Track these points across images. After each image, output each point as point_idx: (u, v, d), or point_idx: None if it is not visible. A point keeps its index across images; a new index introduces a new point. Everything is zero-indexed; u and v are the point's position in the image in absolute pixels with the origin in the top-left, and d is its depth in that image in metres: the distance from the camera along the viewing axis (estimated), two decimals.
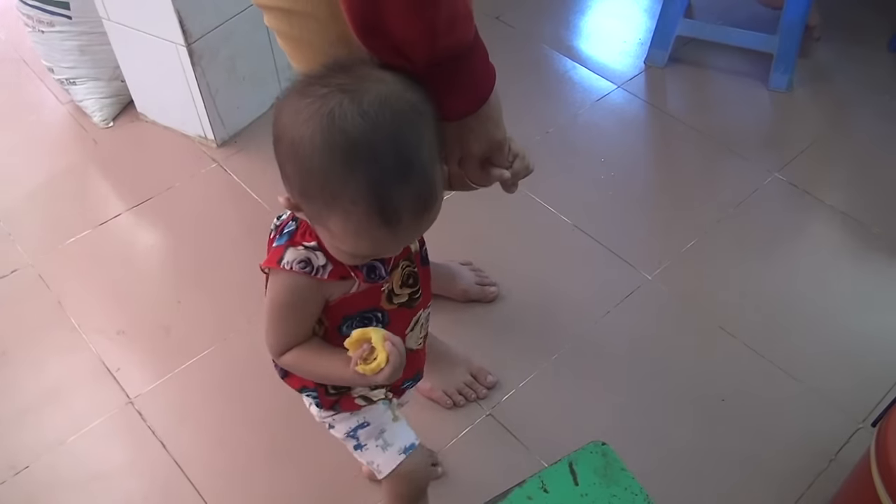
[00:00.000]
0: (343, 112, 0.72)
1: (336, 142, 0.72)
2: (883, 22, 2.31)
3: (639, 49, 2.29)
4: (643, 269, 1.72)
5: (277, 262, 0.86)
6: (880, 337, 1.58)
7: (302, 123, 0.74)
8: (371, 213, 0.74)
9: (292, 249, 0.86)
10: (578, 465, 0.95)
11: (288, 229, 0.87)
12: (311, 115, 0.73)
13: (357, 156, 0.72)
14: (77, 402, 1.53)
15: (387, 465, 1.09)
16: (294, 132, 0.75)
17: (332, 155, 0.73)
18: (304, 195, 0.78)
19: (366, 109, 0.72)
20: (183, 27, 1.78)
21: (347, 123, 0.72)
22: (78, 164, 2.03)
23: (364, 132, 0.72)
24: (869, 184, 1.91)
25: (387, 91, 0.74)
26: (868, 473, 1.10)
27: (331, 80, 0.75)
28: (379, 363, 0.81)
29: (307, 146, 0.73)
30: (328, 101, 0.73)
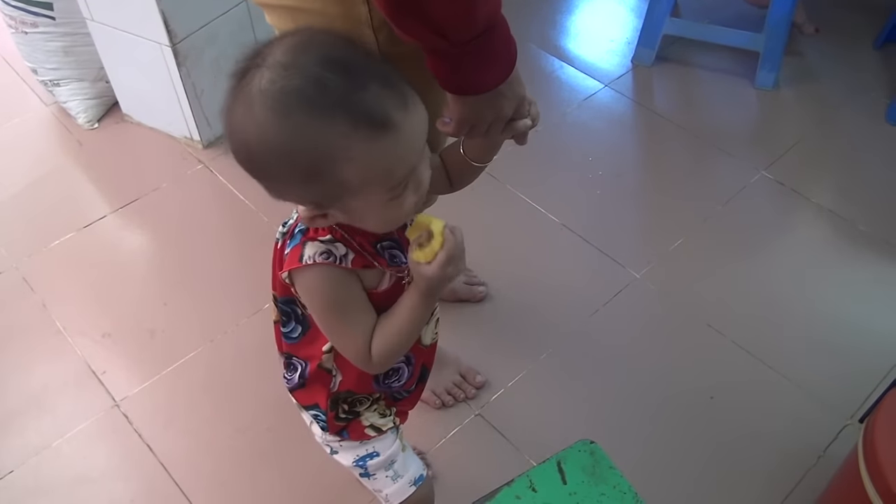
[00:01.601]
0: (266, 79, 0.70)
1: (286, 105, 0.70)
2: (868, 21, 2.32)
3: (626, 48, 2.29)
4: (631, 267, 1.72)
5: (300, 260, 0.81)
6: (868, 333, 1.59)
7: (248, 122, 0.71)
8: (367, 134, 0.70)
9: (310, 244, 0.82)
10: (567, 463, 0.95)
11: (299, 229, 0.84)
12: (247, 106, 0.71)
13: (310, 98, 0.69)
14: (62, 406, 1.52)
15: (397, 497, 1.06)
16: (249, 135, 0.72)
17: (292, 118, 0.70)
18: (315, 184, 0.73)
19: (281, 61, 0.71)
20: (168, 27, 1.76)
21: (276, 84, 0.70)
22: (62, 166, 2.01)
23: (295, 78, 0.70)
24: (854, 181, 1.92)
25: (287, 42, 0.73)
26: (856, 469, 1.10)
27: (237, 75, 0.74)
28: (433, 247, 0.78)
29: (270, 134, 0.70)
30: (249, 85, 0.71)
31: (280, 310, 0.93)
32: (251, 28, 1.96)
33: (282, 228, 0.88)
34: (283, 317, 0.94)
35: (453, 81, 0.84)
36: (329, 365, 0.95)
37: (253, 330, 1.63)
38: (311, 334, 0.93)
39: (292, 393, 1.01)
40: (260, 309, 1.65)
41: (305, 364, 0.96)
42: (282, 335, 0.96)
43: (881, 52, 2.24)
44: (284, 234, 0.87)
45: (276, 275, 0.90)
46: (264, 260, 1.85)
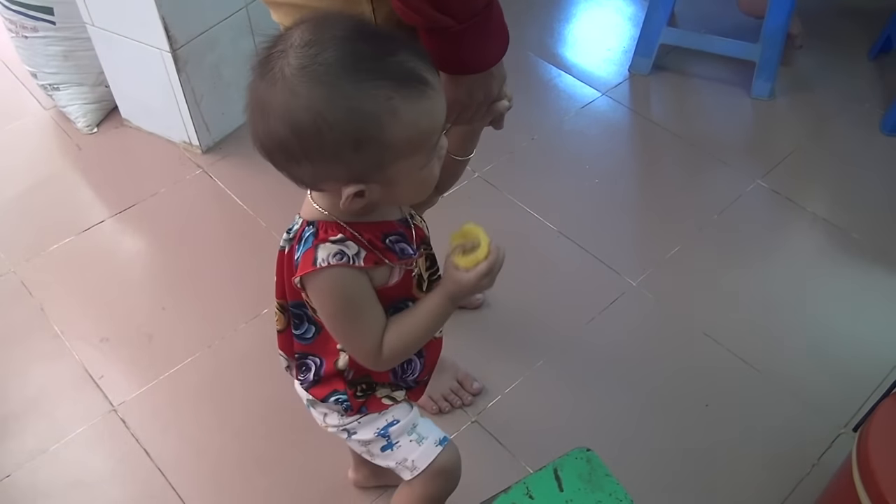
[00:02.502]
0: (297, 59, 0.72)
1: (329, 75, 0.71)
2: (862, 31, 2.34)
3: (623, 57, 2.30)
4: (628, 275, 1.73)
5: (313, 264, 0.82)
6: (862, 342, 1.60)
7: (292, 102, 0.72)
8: (408, 93, 0.73)
9: (322, 247, 0.82)
10: (563, 471, 0.95)
11: (307, 235, 0.85)
12: (285, 88, 0.72)
13: (350, 65, 0.72)
14: (60, 410, 1.52)
15: (424, 459, 1.04)
16: (297, 114, 0.73)
17: (339, 86, 0.71)
18: (363, 152, 0.75)
19: (307, 40, 0.73)
20: (168, 33, 1.77)
21: (312, 60, 0.72)
22: (61, 171, 2.01)
23: (329, 51, 0.72)
24: (849, 190, 1.93)
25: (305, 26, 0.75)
26: (850, 478, 1.10)
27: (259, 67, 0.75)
28: (478, 257, 0.82)
29: (320, 105, 0.72)
30: (280, 70, 0.73)
31: (291, 314, 0.94)
32: (251, 34, 1.96)
33: (287, 235, 0.89)
34: (295, 320, 0.94)
35: (455, 60, 0.86)
36: (343, 365, 0.96)
37: (251, 335, 1.63)
38: (325, 334, 0.94)
39: (309, 392, 1.01)
40: (258, 314, 1.66)
41: (321, 361, 0.97)
42: (294, 338, 0.96)
43: (875, 63, 2.26)
44: (291, 240, 0.88)
45: (282, 281, 0.91)
46: (263, 265, 1.86)
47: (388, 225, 0.87)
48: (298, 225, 0.87)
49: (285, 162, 0.78)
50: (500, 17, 0.88)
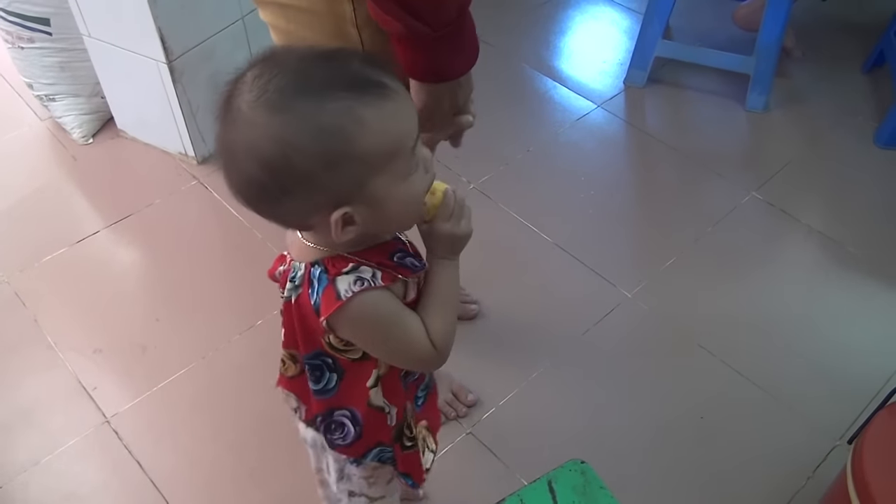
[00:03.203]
0: (252, 92, 0.71)
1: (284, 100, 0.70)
2: (856, 45, 2.36)
3: (618, 69, 2.31)
4: (623, 287, 1.73)
5: (338, 299, 0.78)
6: (857, 354, 1.60)
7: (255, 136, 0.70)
8: (369, 100, 0.71)
9: (339, 280, 0.79)
10: (557, 483, 0.95)
11: (315, 275, 0.81)
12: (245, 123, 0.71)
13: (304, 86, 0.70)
14: (52, 422, 1.51)
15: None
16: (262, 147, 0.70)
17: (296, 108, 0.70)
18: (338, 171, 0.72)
19: (257, 74, 0.72)
20: (164, 45, 1.78)
21: (266, 89, 0.70)
22: (57, 181, 2.01)
23: (281, 77, 0.71)
24: (844, 203, 1.94)
25: (255, 63, 0.74)
26: (844, 491, 1.10)
27: (220, 111, 0.74)
28: (434, 202, 0.82)
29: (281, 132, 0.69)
30: (236, 108, 0.71)
31: (308, 367, 0.89)
32: (247, 45, 1.97)
33: (290, 284, 0.84)
34: (314, 373, 0.89)
35: (426, 67, 0.87)
36: (379, 402, 0.92)
37: (245, 347, 1.63)
38: (348, 377, 0.90)
39: (348, 449, 0.96)
40: (252, 325, 1.66)
41: (354, 412, 0.92)
42: (314, 395, 0.91)
43: (869, 76, 2.27)
44: (297, 287, 0.83)
45: (292, 332, 0.87)
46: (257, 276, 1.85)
47: (388, 245, 0.84)
48: (301, 270, 0.82)
49: (266, 204, 0.75)
50: (472, 29, 0.88)
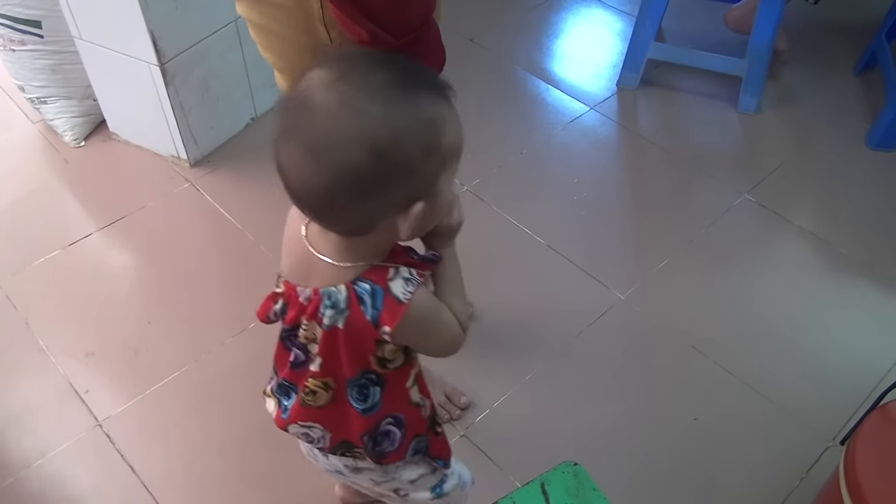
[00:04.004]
0: (343, 89, 0.71)
1: (394, 92, 0.72)
2: (848, 47, 2.37)
3: (611, 71, 2.32)
4: (616, 288, 1.73)
5: (400, 303, 0.80)
6: (849, 355, 1.61)
7: (365, 126, 0.70)
8: (446, 101, 0.75)
9: (392, 286, 0.80)
10: (550, 485, 0.95)
11: (365, 290, 0.80)
12: (350, 117, 0.71)
13: (401, 81, 0.73)
14: (44, 426, 1.51)
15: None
16: (375, 137, 0.70)
17: (406, 100, 0.72)
18: (430, 162, 0.74)
19: (342, 71, 0.72)
20: (156, 47, 1.77)
21: (364, 84, 0.71)
22: (48, 184, 2.01)
23: (376, 74, 0.72)
24: (836, 205, 1.94)
25: (327, 63, 0.74)
26: (837, 491, 1.11)
27: (285, 124, 0.74)
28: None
29: (396, 120, 0.71)
30: (320, 109, 0.71)
31: (355, 388, 0.89)
32: (240, 48, 1.97)
33: (332, 312, 0.82)
34: (362, 392, 0.89)
35: None
36: (417, 398, 0.94)
37: (238, 349, 1.62)
38: (389, 386, 0.90)
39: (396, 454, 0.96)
40: (245, 328, 1.65)
41: (397, 416, 0.94)
42: (359, 416, 0.91)
43: (861, 78, 2.28)
44: (343, 310, 0.81)
45: (337, 361, 0.86)
46: (250, 279, 1.86)
47: (399, 247, 0.85)
48: (342, 293, 0.81)
49: (357, 200, 0.74)
50: (437, 36, 0.88)
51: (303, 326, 0.86)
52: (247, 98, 2.08)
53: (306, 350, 0.88)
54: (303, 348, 0.89)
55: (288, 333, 0.90)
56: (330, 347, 0.85)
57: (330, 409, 0.92)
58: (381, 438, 0.94)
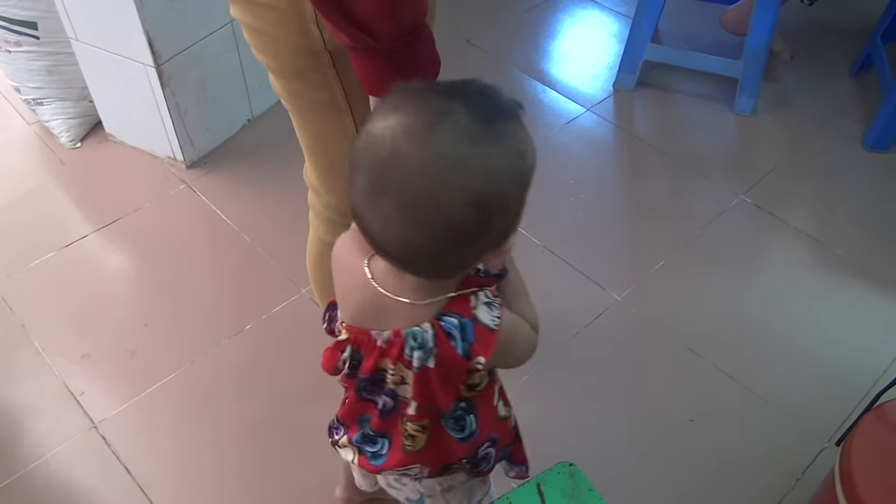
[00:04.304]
0: (451, 134, 0.68)
1: (483, 131, 0.69)
2: (844, 49, 2.37)
3: (607, 73, 2.32)
4: (612, 290, 1.73)
5: (492, 331, 0.79)
6: (845, 356, 1.61)
7: (457, 175, 0.67)
8: (525, 128, 0.74)
9: (479, 312, 0.79)
10: (546, 486, 0.95)
11: (452, 325, 0.78)
12: (477, 155, 0.68)
13: (488, 114, 0.70)
14: (39, 428, 1.50)
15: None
16: (472, 183, 0.68)
17: (501, 137, 0.70)
18: (521, 201, 0.74)
19: (430, 116, 0.69)
20: (152, 48, 1.77)
21: (465, 123, 0.68)
22: (44, 185, 2.00)
23: (460, 115, 0.68)
24: (832, 206, 1.95)
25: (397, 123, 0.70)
26: (833, 492, 1.11)
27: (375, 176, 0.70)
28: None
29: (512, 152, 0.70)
30: (440, 144, 0.68)
31: (452, 420, 0.88)
32: (236, 49, 1.97)
33: (420, 353, 0.79)
34: (459, 423, 0.88)
35: (378, 81, 0.84)
36: (503, 412, 0.95)
37: (234, 351, 1.62)
38: (480, 409, 0.90)
39: (490, 468, 0.96)
40: (241, 330, 1.65)
41: (493, 437, 0.95)
42: (458, 444, 0.90)
43: (856, 80, 2.28)
44: (430, 350, 0.79)
45: (431, 399, 0.84)
46: (246, 280, 1.86)
47: (467, 275, 0.82)
48: (429, 331, 0.78)
49: (449, 251, 0.72)
50: (430, 41, 0.85)
51: (390, 372, 0.83)
52: (243, 99, 2.08)
53: (395, 395, 0.85)
54: (391, 394, 0.85)
55: (366, 383, 0.86)
56: (423, 388, 0.82)
57: (429, 447, 0.90)
58: (479, 461, 0.94)
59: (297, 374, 1.56)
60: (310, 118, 1.05)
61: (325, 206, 1.17)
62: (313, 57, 0.93)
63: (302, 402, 1.52)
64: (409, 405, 0.84)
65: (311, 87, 0.98)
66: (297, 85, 1.00)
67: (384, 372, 0.84)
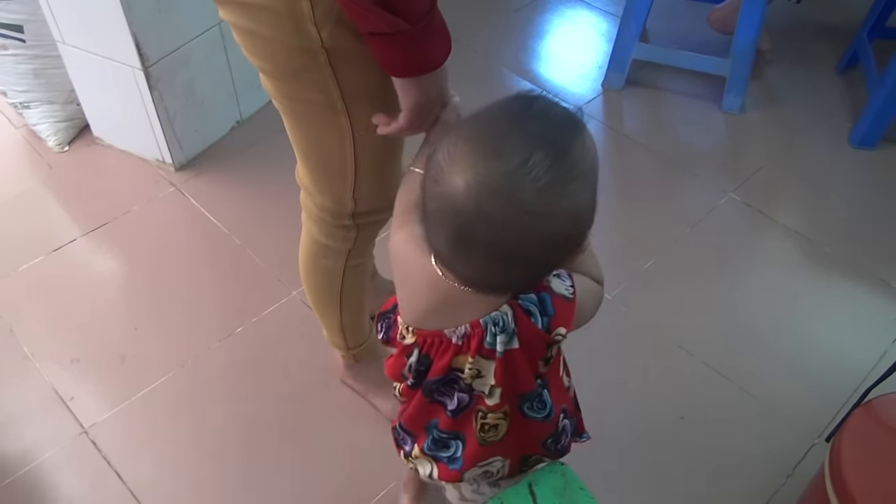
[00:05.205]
0: (530, 174, 0.69)
1: (570, 169, 0.71)
2: (830, 47, 2.39)
3: (596, 72, 2.33)
4: None
5: (569, 300, 0.81)
6: (834, 352, 1.62)
7: (571, 203, 0.71)
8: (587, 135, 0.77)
9: (555, 283, 0.81)
10: (538, 485, 0.95)
11: (531, 302, 0.80)
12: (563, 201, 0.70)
13: (563, 143, 0.72)
14: (28, 433, 1.49)
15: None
16: (579, 212, 0.73)
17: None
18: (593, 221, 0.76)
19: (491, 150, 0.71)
20: (140, 51, 1.76)
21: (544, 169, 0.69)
22: (32, 189, 1.99)
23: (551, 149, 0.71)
24: (820, 203, 1.96)
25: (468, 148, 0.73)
26: (822, 489, 1.11)
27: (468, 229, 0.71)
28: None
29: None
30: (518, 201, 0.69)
31: (534, 402, 0.88)
32: (224, 51, 1.96)
33: (503, 337, 0.80)
34: (539, 403, 0.89)
35: (410, 61, 0.86)
36: (567, 381, 0.97)
37: (224, 354, 1.61)
38: (552, 381, 0.90)
39: (569, 445, 0.98)
40: (232, 333, 1.64)
41: (565, 406, 0.96)
42: (541, 423, 0.90)
43: (843, 77, 2.30)
44: (512, 332, 0.80)
45: (515, 382, 0.84)
46: (236, 283, 1.85)
47: None
48: (508, 314, 0.79)
49: (567, 258, 0.77)
50: (443, 21, 0.88)
51: (467, 367, 0.82)
52: (231, 101, 2.08)
53: (471, 390, 0.85)
54: (467, 389, 0.85)
55: (438, 384, 0.86)
56: (508, 373, 0.83)
57: (508, 436, 0.90)
58: (560, 436, 0.95)
59: (289, 377, 1.56)
60: (303, 119, 1.05)
61: (318, 206, 1.16)
62: (309, 56, 0.93)
63: (293, 405, 1.52)
64: (486, 398, 0.85)
65: (306, 87, 0.97)
66: (292, 85, 0.99)
67: (457, 371, 0.84)
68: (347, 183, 1.09)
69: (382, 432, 1.47)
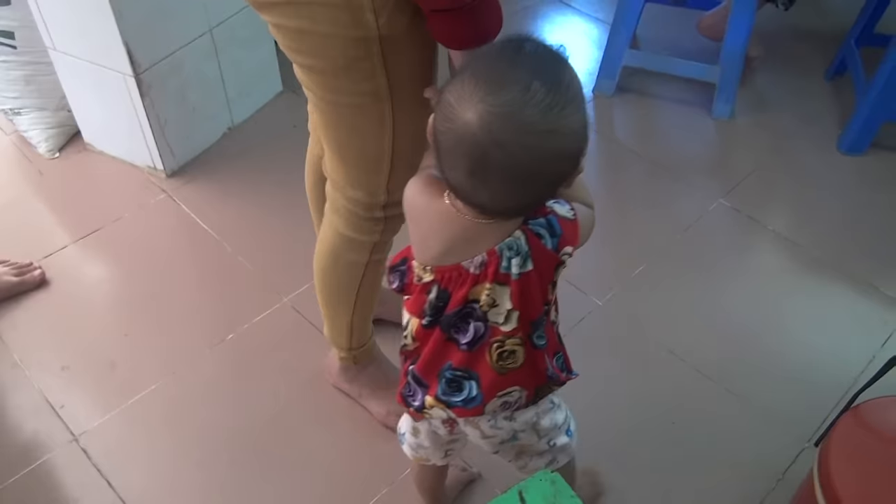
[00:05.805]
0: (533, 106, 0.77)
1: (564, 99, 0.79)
2: (818, 54, 2.40)
3: (587, 79, 2.33)
4: (593, 294, 1.74)
5: (572, 220, 0.90)
6: (824, 357, 1.63)
7: (575, 119, 0.79)
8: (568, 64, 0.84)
9: (559, 209, 0.89)
10: (528, 493, 0.95)
11: (540, 225, 0.88)
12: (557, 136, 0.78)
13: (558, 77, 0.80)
14: (18, 441, 1.49)
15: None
16: (573, 144, 0.81)
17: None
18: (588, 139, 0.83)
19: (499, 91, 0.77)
20: (131, 58, 1.76)
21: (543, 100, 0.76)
22: (23, 196, 1.98)
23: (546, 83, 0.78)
24: (809, 209, 1.97)
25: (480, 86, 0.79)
26: (812, 493, 1.12)
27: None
28: None
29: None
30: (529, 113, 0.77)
31: (543, 326, 0.93)
32: (215, 57, 1.96)
33: (517, 259, 0.87)
34: (540, 331, 0.93)
35: (472, 33, 0.93)
36: (553, 316, 0.99)
37: (216, 361, 1.61)
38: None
39: (563, 376, 1.01)
40: (223, 339, 1.64)
41: (553, 337, 0.99)
42: (543, 351, 0.95)
43: (832, 84, 2.31)
44: (526, 254, 0.87)
45: (530, 305, 0.90)
46: (228, 290, 1.85)
47: None
48: (521, 238, 0.87)
49: (559, 187, 0.84)
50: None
51: (485, 294, 0.88)
52: (223, 108, 2.08)
53: (486, 319, 0.90)
54: (482, 318, 0.90)
55: (454, 318, 0.90)
56: (524, 295, 0.88)
57: (524, 365, 0.94)
58: (563, 364, 1.01)
59: (280, 384, 1.56)
60: (346, 112, 1.04)
61: (348, 199, 1.16)
62: (364, 47, 0.94)
63: (285, 412, 1.52)
64: (501, 326, 0.90)
65: (355, 79, 0.98)
66: (341, 79, 0.99)
67: (473, 303, 0.89)
68: (382, 174, 1.10)
69: (374, 438, 1.47)
